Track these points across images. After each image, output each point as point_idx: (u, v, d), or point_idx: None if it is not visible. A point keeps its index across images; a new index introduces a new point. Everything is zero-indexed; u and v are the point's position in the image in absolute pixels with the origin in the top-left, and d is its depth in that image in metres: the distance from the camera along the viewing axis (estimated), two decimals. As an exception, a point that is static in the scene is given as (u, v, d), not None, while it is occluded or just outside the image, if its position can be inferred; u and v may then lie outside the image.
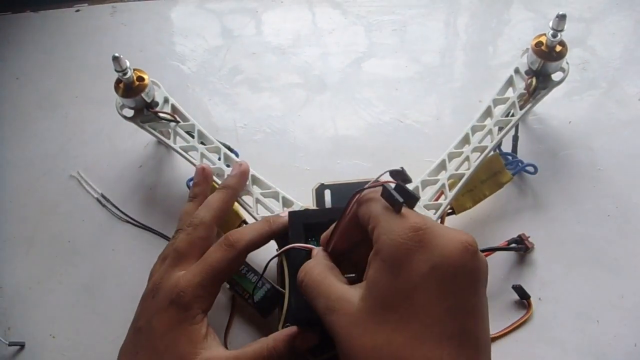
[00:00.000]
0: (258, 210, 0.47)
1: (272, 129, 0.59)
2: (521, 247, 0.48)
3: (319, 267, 0.30)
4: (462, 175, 0.47)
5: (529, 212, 0.51)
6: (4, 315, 0.50)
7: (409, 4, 0.66)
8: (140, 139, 0.57)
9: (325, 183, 0.48)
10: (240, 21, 0.67)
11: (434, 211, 0.46)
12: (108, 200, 0.55)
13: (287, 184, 0.50)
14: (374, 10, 0.66)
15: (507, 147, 0.52)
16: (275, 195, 0.48)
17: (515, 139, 0.52)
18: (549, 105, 0.55)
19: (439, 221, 0.46)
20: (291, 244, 0.40)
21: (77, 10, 0.69)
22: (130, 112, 0.51)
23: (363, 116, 0.59)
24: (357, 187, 0.31)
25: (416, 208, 0.30)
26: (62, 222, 0.54)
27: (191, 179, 0.53)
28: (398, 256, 0.25)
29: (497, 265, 0.48)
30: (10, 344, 0.48)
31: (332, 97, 0.60)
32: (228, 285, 0.46)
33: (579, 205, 0.52)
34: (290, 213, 0.42)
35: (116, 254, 0.52)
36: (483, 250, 0.46)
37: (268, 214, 0.47)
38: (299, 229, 0.40)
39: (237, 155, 0.53)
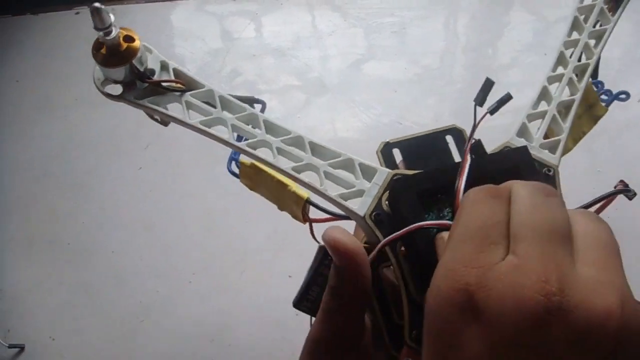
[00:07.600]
0: (328, 187, 0.23)
1: (272, 131, 0.59)
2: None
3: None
4: (572, 102, 0.30)
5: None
6: (3, 317, 0.50)
7: (409, 6, 0.66)
8: (141, 140, 0.57)
9: (391, 141, 0.35)
10: (239, 23, 0.67)
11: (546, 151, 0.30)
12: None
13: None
14: (373, 12, 0.66)
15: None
16: (348, 165, 0.25)
17: (597, 61, 0.44)
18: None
19: None
20: (410, 224, 0.21)
21: (77, 13, 0.69)
22: (117, 89, 0.28)
23: (362, 118, 0.59)
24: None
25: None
26: (62, 224, 0.55)
27: (233, 158, 0.33)
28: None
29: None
30: (10, 346, 0.48)
31: (331, 99, 0.60)
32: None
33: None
34: (394, 182, 0.24)
35: (115, 256, 0.52)
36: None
37: (342, 190, 0.23)
38: (412, 201, 0.22)
39: (264, 105, 0.40)
